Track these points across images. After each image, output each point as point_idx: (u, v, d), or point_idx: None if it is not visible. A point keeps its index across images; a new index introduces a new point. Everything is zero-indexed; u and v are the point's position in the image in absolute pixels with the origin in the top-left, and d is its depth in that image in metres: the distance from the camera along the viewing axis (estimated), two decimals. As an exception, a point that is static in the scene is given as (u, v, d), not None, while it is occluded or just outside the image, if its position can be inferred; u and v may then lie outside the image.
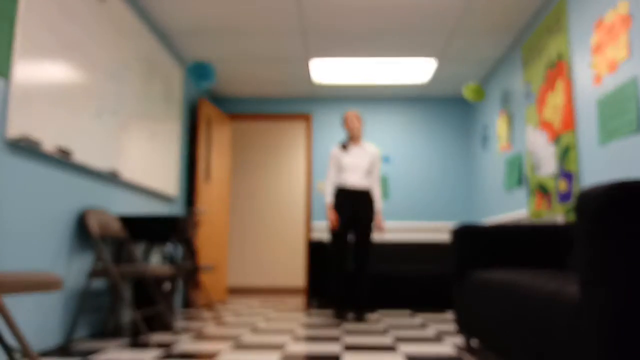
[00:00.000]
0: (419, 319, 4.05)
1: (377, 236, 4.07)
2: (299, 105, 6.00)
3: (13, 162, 2.31)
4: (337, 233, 3.98)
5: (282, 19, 4.02)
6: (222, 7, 3.84)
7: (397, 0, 3.71)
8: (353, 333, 3.22)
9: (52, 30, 2.59)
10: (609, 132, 2.84)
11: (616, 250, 1.09)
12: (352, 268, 4.11)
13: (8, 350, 1.64)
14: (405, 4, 3.78)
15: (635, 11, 2.58)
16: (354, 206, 4.02)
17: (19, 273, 1.50)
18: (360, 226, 4.02)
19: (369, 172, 4.13)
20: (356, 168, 4.08)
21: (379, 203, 4.14)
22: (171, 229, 3.28)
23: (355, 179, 4.06)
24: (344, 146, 4.17)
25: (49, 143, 2.54)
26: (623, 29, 2.67)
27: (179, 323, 3.70)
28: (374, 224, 4.06)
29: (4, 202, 2.25)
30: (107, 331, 3.16)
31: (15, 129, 2.29)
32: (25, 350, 1.40)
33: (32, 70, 2.42)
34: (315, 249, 4.95)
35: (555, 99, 3.53)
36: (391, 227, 5.71)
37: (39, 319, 2.52)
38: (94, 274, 2.77)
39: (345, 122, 4.20)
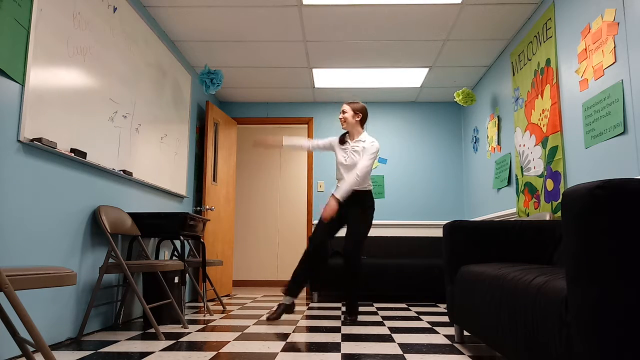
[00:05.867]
0: (413, 311, 4.03)
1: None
2: (301, 109, 5.99)
3: (29, 162, 2.30)
4: (317, 227, 3.46)
5: (285, 29, 4.00)
6: (228, 18, 3.82)
7: (393, 12, 3.69)
8: (351, 324, 3.20)
9: (65, 38, 2.58)
10: (594, 133, 2.82)
11: (600, 247, 1.07)
12: (343, 270, 3.51)
13: (21, 343, 1.62)
14: (400, 16, 3.76)
15: (621, 17, 2.56)
16: (342, 207, 3.44)
17: (34, 268, 1.48)
18: (349, 231, 3.48)
19: None
20: (346, 168, 3.52)
21: (340, 188, 3.40)
22: (180, 226, 3.26)
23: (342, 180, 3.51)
24: (342, 139, 3.62)
25: (64, 145, 2.53)
26: (610, 35, 2.65)
27: (188, 315, 3.69)
28: (363, 228, 3.48)
29: (20, 200, 2.23)
30: (118, 324, 3.15)
31: (30, 131, 2.27)
32: (38, 344, 1.39)
33: (46, 76, 2.40)
34: (316, 245, 4.93)
35: (543, 104, 3.51)
36: (387, 225, 5.68)
37: (52, 312, 2.50)
38: (107, 268, 2.76)
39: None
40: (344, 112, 3.59)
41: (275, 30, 4.05)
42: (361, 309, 4.15)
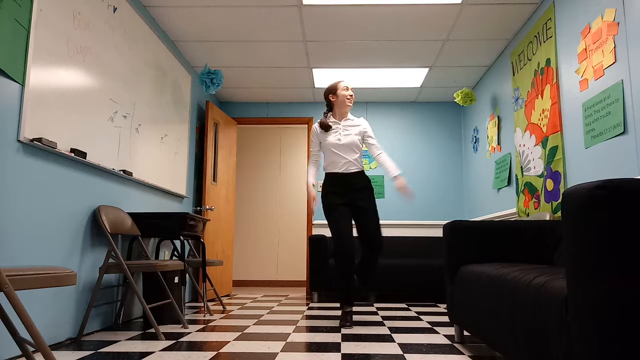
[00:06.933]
0: (413, 311, 4.03)
1: (409, 198, 3.37)
2: (301, 109, 5.99)
3: (29, 162, 2.30)
4: (336, 226, 3.21)
5: (285, 29, 4.00)
6: (228, 18, 3.82)
7: (393, 12, 3.69)
8: (350, 328, 3.19)
9: (65, 38, 2.58)
10: (594, 133, 2.82)
11: (600, 246, 1.07)
12: (362, 257, 3.36)
13: (21, 343, 1.62)
14: (401, 16, 3.76)
15: (621, 17, 2.56)
16: (350, 193, 3.30)
17: (34, 268, 1.48)
18: (364, 216, 3.28)
19: (359, 148, 3.37)
20: (343, 148, 3.32)
21: (392, 167, 3.33)
22: (180, 226, 3.26)
23: (345, 162, 3.32)
24: (324, 124, 3.40)
25: (64, 144, 2.53)
26: (610, 35, 2.65)
27: (188, 315, 3.69)
28: (375, 209, 3.32)
29: (20, 200, 2.23)
30: (118, 324, 3.14)
31: (30, 131, 2.27)
32: (38, 344, 1.39)
33: (46, 76, 2.40)
34: (315, 244, 4.93)
35: (543, 104, 3.51)
36: (387, 225, 5.68)
37: (52, 312, 2.50)
38: (107, 269, 2.76)
39: (334, 93, 3.41)
40: (352, 92, 3.45)
41: (275, 30, 4.05)
42: (361, 309, 4.15)
